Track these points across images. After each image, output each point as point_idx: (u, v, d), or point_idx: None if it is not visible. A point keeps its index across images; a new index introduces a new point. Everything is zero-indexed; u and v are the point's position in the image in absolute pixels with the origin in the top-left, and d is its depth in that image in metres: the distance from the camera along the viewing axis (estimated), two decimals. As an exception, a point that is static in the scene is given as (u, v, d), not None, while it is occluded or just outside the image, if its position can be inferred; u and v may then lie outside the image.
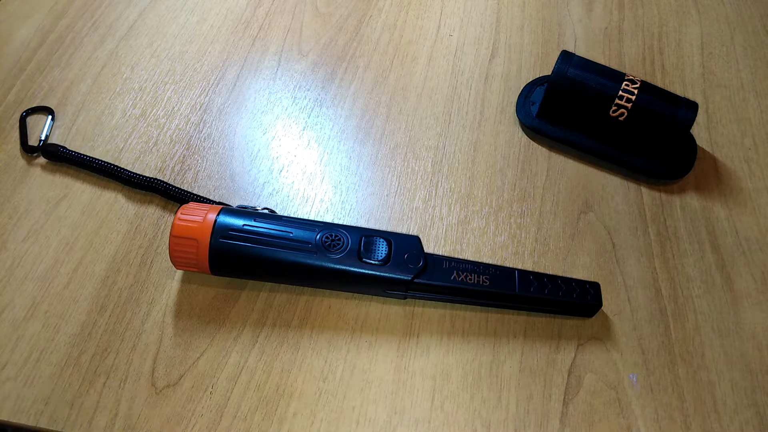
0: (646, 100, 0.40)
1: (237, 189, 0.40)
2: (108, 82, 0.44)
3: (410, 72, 0.47)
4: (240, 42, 0.47)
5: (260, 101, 0.44)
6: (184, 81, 0.45)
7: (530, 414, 0.32)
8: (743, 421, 0.33)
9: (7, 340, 0.33)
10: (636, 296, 0.37)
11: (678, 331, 0.36)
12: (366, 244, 0.33)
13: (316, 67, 0.46)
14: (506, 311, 0.36)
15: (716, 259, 0.38)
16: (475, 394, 0.33)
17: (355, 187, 0.40)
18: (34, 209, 0.38)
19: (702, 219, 0.40)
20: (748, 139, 0.44)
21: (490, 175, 0.41)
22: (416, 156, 0.42)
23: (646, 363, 0.34)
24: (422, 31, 0.49)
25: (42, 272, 0.35)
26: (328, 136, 0.43)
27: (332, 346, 0.34)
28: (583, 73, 0.41)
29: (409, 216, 0.39)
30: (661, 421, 0.32)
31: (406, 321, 0.35)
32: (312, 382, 0.32)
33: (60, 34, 0.46)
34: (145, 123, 0.42)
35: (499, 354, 0.34)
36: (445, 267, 0.34)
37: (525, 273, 0.35)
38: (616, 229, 0.39)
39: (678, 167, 0.42)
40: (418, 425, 0.32)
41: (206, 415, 0.31)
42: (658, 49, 0.49)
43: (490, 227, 0.39)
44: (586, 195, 0.41)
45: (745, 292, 0.37)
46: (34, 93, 0.43)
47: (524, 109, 0.44)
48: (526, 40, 0.49)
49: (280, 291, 0.35)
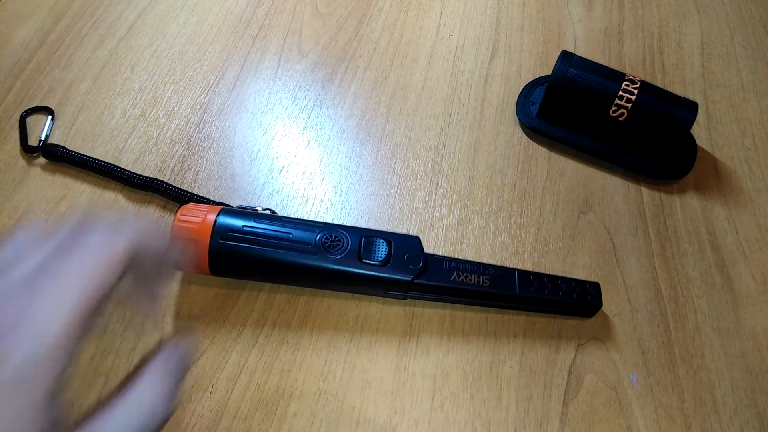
0: (646, 100, 0.40)
1: (237, 189, 0.40)
2: (108, 82, 0.44)
3: (410, 72, 0.47)
4: (240, 42, 0.47)
5: (260, 101, 0.44)
6: (184, 81, 0.45)
7: (530, 414, 0.32)
8: (743, 421, 0.33)
9: (7, 340, 0.33)
10: (636, 296, 0.37)
11: (678, 331, 0.36)
12: (366, 244, 0.33)
13: (316, 67, 0.46)
14: (506, 311, 0.36)
15: (716, 259, 0.38)
16: (475, 394, 0.33)
17: (355, 187, 0.40)
18: (34, 209, 0.38)
19: (702, 219, 0.40)
20: (748, 139, 0.44)
21: (490, 175, 0.41)
22: (416, 156, 0.42)
23: (646, 363, 0.34)
24: (422, 31, 0.49)
25: (42, 272, 0.35)
26: (328, 136, 0.43)
27: (332, 346, 0.34)
28: (583, 73, 0.41)
29: (409, 216, 0.39)
30: (661, 422, 0.32)
31: (406, 321, 0.35)
32: (312, 382, 0.32)
33: (60, 35, 0.46)
34: (145, 123, 0.42)
35: (499, 354, 0.34)
36: (445, 267, 0.34)
37: (525, 273, 0.35)
38: (616, 229, 0.39)
39: (678, 167, 0.42)
40: (418, 425, 0.32)
41: (206, 415, 0.31)
42: (658, 49, 0.49)
43: (490, 227, 0.39)
44: (586, 195, 0.41)
45: (745, 292, 0.37)
46: (34, 93, 0.43)
47: (524, 109, 0.44)
48: (526, 40, 0.49)
49: (280, 291, 0.35)
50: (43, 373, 0.21)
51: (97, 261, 0.23)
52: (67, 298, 0.22)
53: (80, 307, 0.22)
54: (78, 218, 0.24)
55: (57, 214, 0.37)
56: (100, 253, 0.23)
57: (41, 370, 0.21)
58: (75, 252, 0.23)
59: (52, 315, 0.21)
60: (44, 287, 0.22)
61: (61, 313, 0.21)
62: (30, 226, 0.25)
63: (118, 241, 0.24)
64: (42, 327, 0.21)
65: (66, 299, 0.22)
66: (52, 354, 0.21)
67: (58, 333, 0.21)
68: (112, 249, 0.23)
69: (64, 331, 0.21)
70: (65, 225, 0.24)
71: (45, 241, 0.23)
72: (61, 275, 0.22)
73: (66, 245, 0.23)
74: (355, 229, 0.34)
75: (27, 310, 0.21)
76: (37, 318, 0.21)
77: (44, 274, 0.22)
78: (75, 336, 0.22)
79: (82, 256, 0.23)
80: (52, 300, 0.22)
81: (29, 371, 0.20)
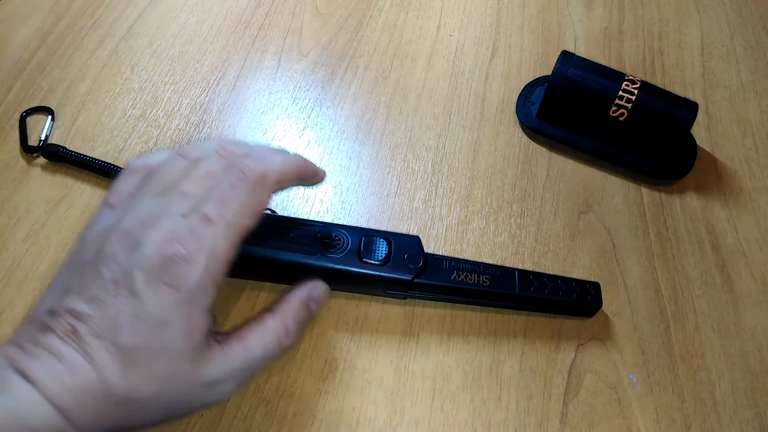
0: (646, 100, 0.40)
1: (237, 189, 0.39)
2: (108, 82, 0.44)
3: (410, 72, 0.47)
4: (240, 42, 0.47)
5: (260, 101, 0.44)
6: (184, 81, 0.45)
7: (530, 414, 0.32)
8: (743, 421, 0.33)
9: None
10: (636, 296, 0.37)
11: (678, 331, 0.36)
12: (366, 244, 0.33)
13: (316, 67, 0.46)
14: (506, 311, 0.36)
15: (716, 259, 0.38)
16: (475, 394, 0.33)
17: (355, 187, 0.40)
18: (34, 209, 0.38)
19: (702, 219, 0.40)
20: (748, 139, 0.44)
21: (490, 175, 0.41)
22: (416, 156, 0.42)
23: (646, 363, 0.34)
24: (422, 31, 0.49)
25: (42, 273, 0.35)
26: (328, 136, 0.43)
27: (332, 346, 0.34)
28: (583, 73, 0.41)
29: (409, 216, 0.39)
30: (661, 422, 0.32)
31: (406, 321, 0.35)
32: (312, 382, 0.32)
33: (60, 35, 0.46)
34: (145, 123, 0.42)
35: (499, 354, 0.34)
36: (445, 267, 0.34)
37: (525, 273, 0.35)
38: (616, 229, 0.39)
39: (678, 167, 0.42)
40: (418, 425, 0.32)
41: (206, 415, 0.31)
42: (658, 49, 0.49)
43: (490, 227, 0.39)
44: (586, 195, 0.41)
45: (745, 292, 0.37)
46: (33, 93, 0.43)
47: (524, 109, 0.44)
48: (526, 40, 0.49)
49: (281, 291, 0.35)
50: (211, 286, 0.25)
51: (254, 191, 0.27)
52: (232, 222, 0.26)
53: (240, 232, 0.27)
54: (230, 146, 0.29)
55: (57, 215, 0.37)
56: (256, 185, 0.27)
57: (210, 284, 0.25)
58: (237, 181, 0.27)
59: (222, 239, 0.26)
60: (213, 215, 0.26)
61: (228, 236, 0.26)
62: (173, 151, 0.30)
63: (271, 173, 0.28)
64: (215, 247, 0.25)
65: (231, 224, 0.26)
66: (219, 270, 0.26)
67: (225, 253, 0.26)
68: (263, 183, 0.28)
69: (229, 251, 0.26)
70: (214, 149, 0.29)
71: (198, 165, 0.28)
72: (227, 203, 0.26)
73: (227, 174, 0.27)
74: (356, 228, 0.34)
75: (204, 231, 0.25)
76: (211, 240, 0.25)
77: (212, 202, 0.26)
78: (233, 256, 0.26)
79: (244, 186, 0.27)
80: (222, 226, 0.26)
81: (205, 283, 0.25)
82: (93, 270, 0.25)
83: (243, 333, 0.27)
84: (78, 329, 0.23)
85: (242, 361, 0.27)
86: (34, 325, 0.24)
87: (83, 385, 0.23)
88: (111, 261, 0.25)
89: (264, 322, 0.28)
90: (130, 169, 0.30)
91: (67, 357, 0.23)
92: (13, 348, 0.24)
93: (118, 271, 0.24)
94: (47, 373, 0.23)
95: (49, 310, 0.25)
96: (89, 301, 0.24)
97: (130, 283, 0.24)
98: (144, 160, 0.30)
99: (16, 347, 0.24)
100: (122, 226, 0.26)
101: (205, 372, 0.25)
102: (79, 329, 0.23)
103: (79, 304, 0.24)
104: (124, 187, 0.29)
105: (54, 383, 0.22)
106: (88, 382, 0.23)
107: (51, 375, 0.23)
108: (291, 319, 0.29)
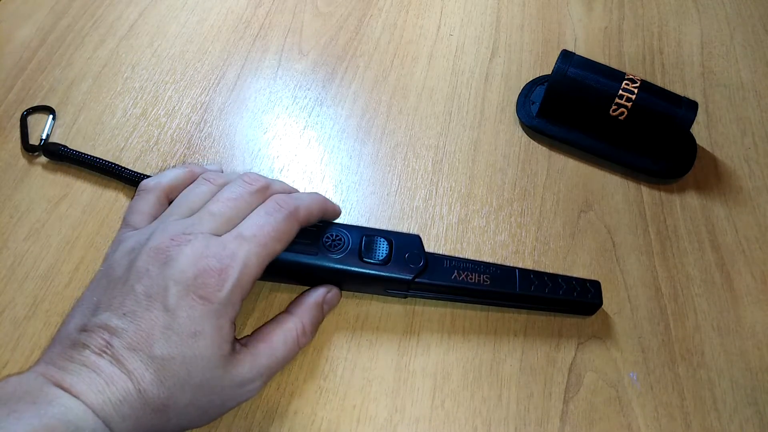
0: (646, 99, 0.40)
1: (238, 188, 0.40)
2: (109, 81, 0.44)
3: (410, 71, 0.47)
4: (240, 41, 0.47)
5: (261, 100, 0.44)
6: (185, 80, 0.45)
7: (531, 412, 0.32)
8: (743, 419, 0.33)
9: (9, 339, 0.33)
10: (636, 295, 0.37)
11: (678, 329, 0.36)
12: (367, 243, 0.33)
13: (316, 66, 0.46)
14: (507, 310, 0.36)
15: (716, 257, 0.39)
16: (475, 392, 0.33)
17: (355, 186, 0.40)
18: (35, 208, 0.38)
19: (702, 218, 0.40)
20: (748, 138, 0.44)
21: (491, 174, 0.41)
22: (416, 155, 0.42)
23: (646, 361, 0.34)
24: (422, 30, 0.50)
25: (43, 271, 0.35)
26: (328, 135, 0.43)
27: (333, 344, 0.34)
28: (583, 72, 0.41)
29: (409, 215, 0.39)
30: (661, 420, 0.32)
31: (406, 320, 0.35)
32: (312, 380, 0.32)
33: (61, 34, 0.46)
34: (146, 122, 0.42)
35: (500, 352, 0.34)
36: (446, 266, 0.34)
37: (525, 272, 0.35)
38: (617, 228, 0.39)
39: (678, 166, 0.42)
40: (419, 423, 0.32)
41: (207, 413, 0.31)
42: (658, 49, 0.50)
43: (491, 226, 0.39)
44: (586, 194, 0.41)
45: (744, 291, 0.37)
46: (34, 92, 0.43)
47: (524, 109, 0.44)
48: (526, 40, 0.49)
49: (281, 291, 0.35)
50: (238, 300, 0.27)
51: (287, 221, 0.30)
52: (266, 244, 0.29)
53: (271, 254, 0.29)
54: (261, 181, 0.32)
55: (58, 213, 0.37)
56: (290, 216, 0.30)
57: (238, 298, 0.27)
58: (273, 211, 0.30)
59: (255, 257, 0.28)
60: (248, 235, 0.28)
61: (260, 256, 0.28)
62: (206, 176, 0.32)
63: (302, 208, 0.31)
64: (247, 263, 0.27)
65: (264, 245, 0.28)
66: (247, 287, 0.28)
67: (256, 271, 0.28)
68: (296, 215, 0.31)
69: (259, 270, 0.28)
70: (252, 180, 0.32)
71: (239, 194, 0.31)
72: (264, 227, 0.29)
73: (262, 203, 0.31)
74: (356, 228, 0.34)
75: (239, 248, 0.28)
76: (245, 255, 0.28)
77: (248, 224, 0.29)
78: (259, 274, 0.28)
79: (279, 215, 0.30)
80: (255, 246, 0.28)
81: (234, 297, 0.27)
82: (124, 285, 0.26)
83: (266, 334, 0.30)
84: (112, 343, 0.25)
85: (268, 360, 0.28)
86: (65, 344, 0.25)
87: (122, 396, 0.24)
88: (143, 276, 0.26)
89: (284, 323, 0.30)
90: (145, 189, 0.32)
91: (104, 370, 0.24)
92: (47, 366, 0.25)
93: (150, 285, 0.26)
94: (88, 387, 0.24)
95: (80, 327, 0.26)
96: (122, 315, 0.25)
97: (163, 297, 0.25)
98: (157, 180, 0.33)
99: (50, 365, 0.25)
100: (152, 244, 0.27)
101: (236, 374, 0.27)
102: (113, 343, 0.25)
103: (112, 319, 0.25)
104: (141, 208, 0.31)
105: (95, 395, 0.23)
106: (127, 392, 0.24)
107: (91, 388, 0.24)
108: (307, 320, 0.31)
